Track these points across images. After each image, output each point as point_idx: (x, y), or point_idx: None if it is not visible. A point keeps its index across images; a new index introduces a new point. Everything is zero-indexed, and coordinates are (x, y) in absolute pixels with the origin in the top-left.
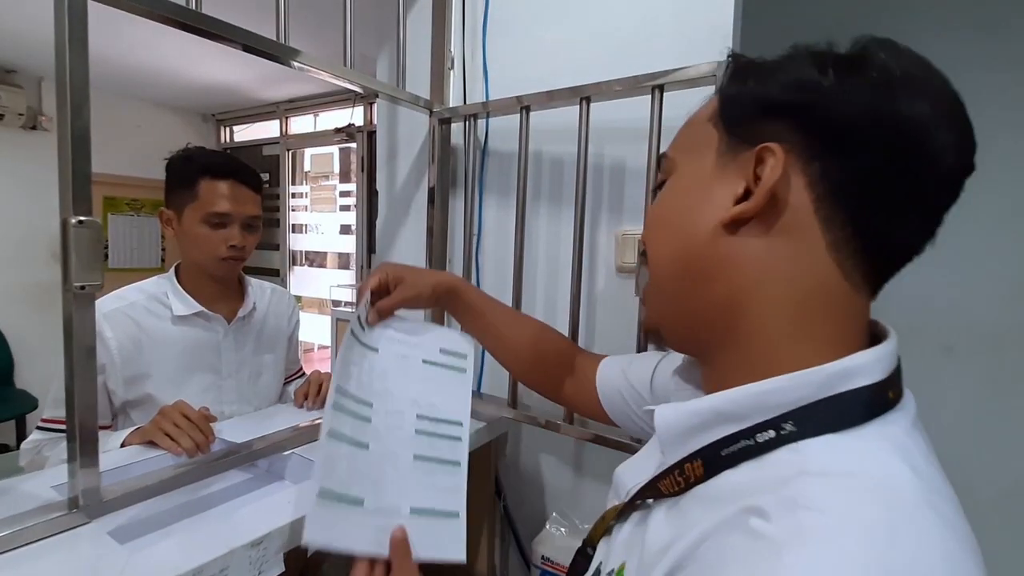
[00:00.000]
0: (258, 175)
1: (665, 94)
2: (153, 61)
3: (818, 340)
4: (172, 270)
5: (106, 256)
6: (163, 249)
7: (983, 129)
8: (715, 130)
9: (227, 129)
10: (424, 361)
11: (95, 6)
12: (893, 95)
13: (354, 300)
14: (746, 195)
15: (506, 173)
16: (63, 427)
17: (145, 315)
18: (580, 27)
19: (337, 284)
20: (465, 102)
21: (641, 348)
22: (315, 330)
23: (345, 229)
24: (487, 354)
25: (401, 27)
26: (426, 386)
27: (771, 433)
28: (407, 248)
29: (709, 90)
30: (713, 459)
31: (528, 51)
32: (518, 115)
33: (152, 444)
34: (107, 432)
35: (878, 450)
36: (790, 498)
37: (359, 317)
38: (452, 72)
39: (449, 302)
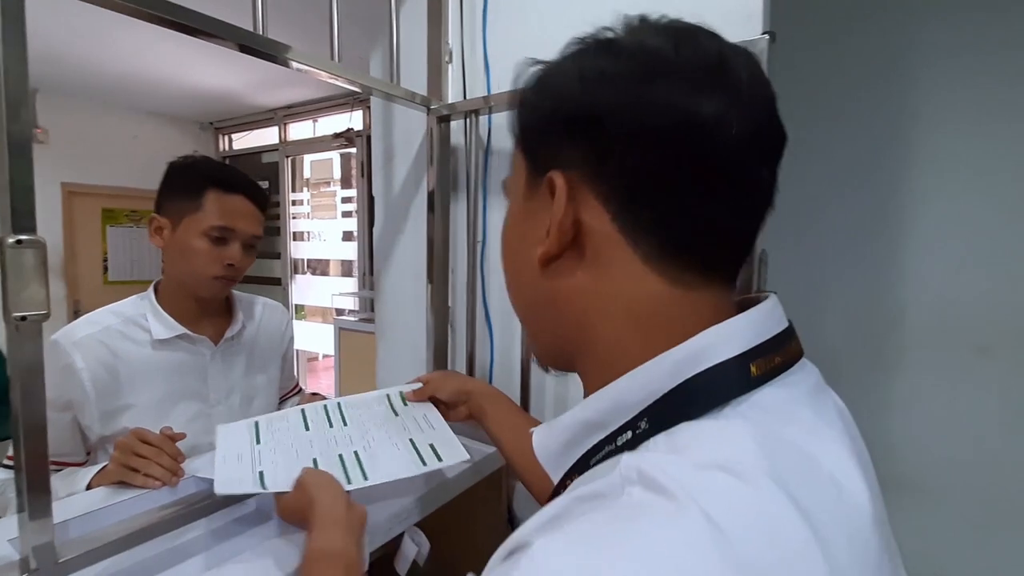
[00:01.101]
0: (266, 194)
1: None
2: (149, 70)
3: (668, 335)
4: (151, 288)
5: (105, 269)
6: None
7: (1003, 119)
8: (521, 155)
9: (225, 137)
10: (410, 440)
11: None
12: (642, 85)
13: (356, 308)
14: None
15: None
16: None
17: (121, 340)
18: (591, 9)
19: (340, 292)
20: (465, 98)
21: None
22: (318, 339)
23: (347, 236)
24: (494, 371)
25: (394, 19)
26: (391, 452)
27: (628, 434)
28: (406, 258)
29: None
30: (584, 471)
31: (534, 39)
32: None
33: (122, 483)
34: (73, 470)
35: (722, 439)
36: (611, 485)
37: (402, 393)
38: (450, 66)
39: (468, 405)
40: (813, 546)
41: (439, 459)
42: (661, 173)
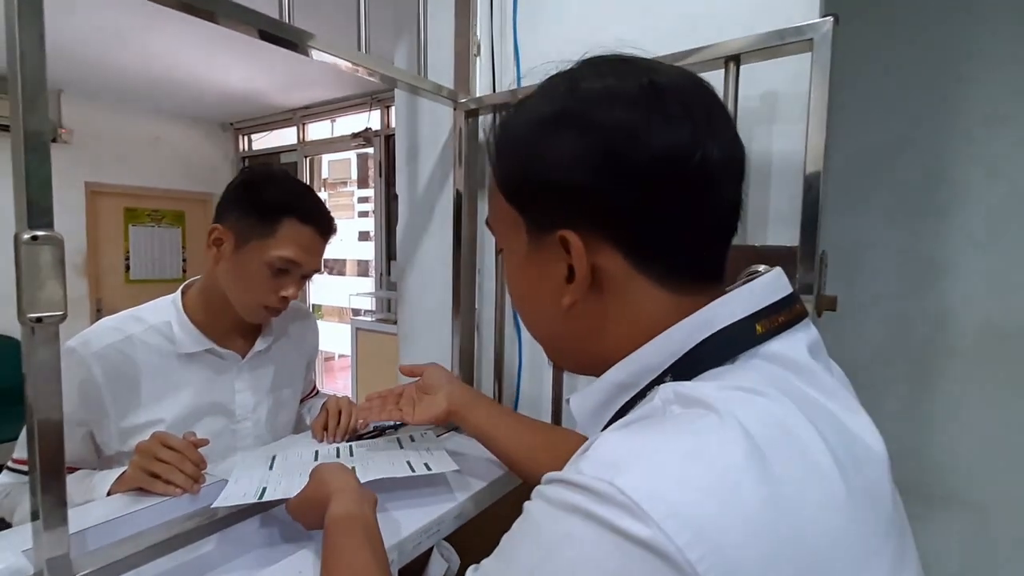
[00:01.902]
0: (335, 225)
1: (742, 67)
2: (171, 72)
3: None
4: (178, 294)
5: (127, 267)
6: (184, 260)
7: None
8: (511, 206)
9: (245, 138)
10: (407, 461)
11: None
12: (611, 144)
13: (373, 308)
14: (570, 271)
15: None
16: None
17: (144, 352)
18: None
19: (356, 292)
20: (494, 91)
21: None
22: (335, 339)
23: (364, 236)
24: (522, 375)
25: (421, 10)
26: (384, 465)
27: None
28: (431, 259)
29: (797, 60)
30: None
31: (567, 29)
32: None
33: (141, 490)
34: (88, 472)
35: (737, 375)
36: (653, 408)
37: (412, 435)
38: (478, 59)
39: (448, 397)
40: (823, 448)
41: (428, 469)
42: (661, 213)
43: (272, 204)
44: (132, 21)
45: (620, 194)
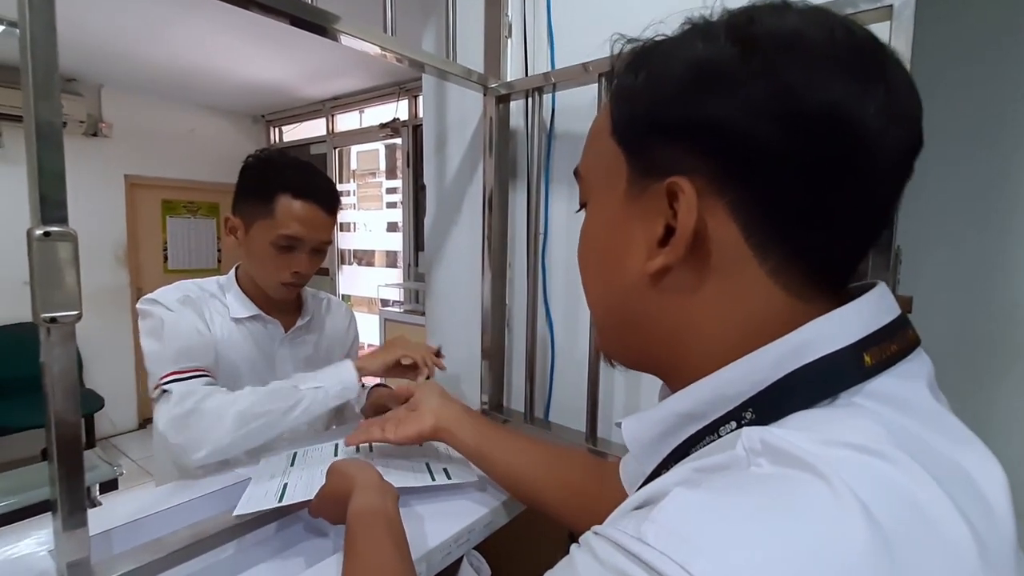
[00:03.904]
0: (337, 196)
1: None
2: (206, 65)
3: (771, 340)
4: (232, 273)
5: (165, 258)
6: (219, 251)
7: None
8: (619, 148)
9: (276, 129)
10: (427, 464)
11: None
12: (785, 88)
13: (401, 299)
14: (667, 233)
15: (577, 160)
16: (196, 374)
17: (208, 308)
18: None
19: (385, 283)
20: (527, 75)
21: None
22: (364, 329)
23: (392, 227)
24: (555, 376)
25: None
26: (404, 471)
27: (732, 424)
28: (460, 251)
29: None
30: (682, 458)
31: (604, 8)
32: (595, 85)
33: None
34: (282, 386)
35: (843, 424)
36: (734, 457)
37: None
38: (510, 41)
39: (437, 416)
40: (971, 543)
41: (448, 477)
42: (809, 187)
43: (267, 184)
44: (169, 15)
45: (768, 139)
